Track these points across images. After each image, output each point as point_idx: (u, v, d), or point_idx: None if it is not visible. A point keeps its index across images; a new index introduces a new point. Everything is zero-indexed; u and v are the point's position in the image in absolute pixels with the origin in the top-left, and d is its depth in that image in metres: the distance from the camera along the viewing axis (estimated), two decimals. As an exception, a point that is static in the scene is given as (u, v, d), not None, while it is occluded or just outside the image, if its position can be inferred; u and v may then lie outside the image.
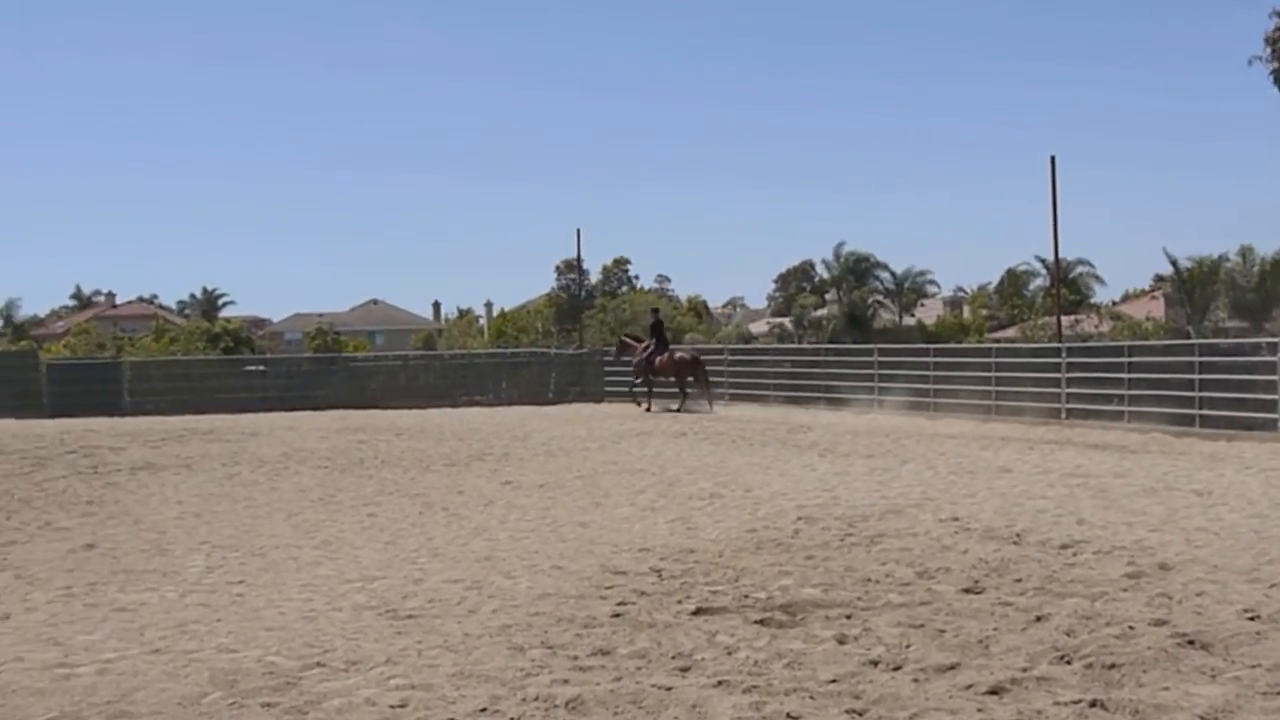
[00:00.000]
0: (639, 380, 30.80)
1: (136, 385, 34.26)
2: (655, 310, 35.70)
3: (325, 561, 9.93)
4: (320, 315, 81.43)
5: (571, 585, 8.69)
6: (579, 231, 38.80)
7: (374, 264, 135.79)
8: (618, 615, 7.70)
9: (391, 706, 5.84)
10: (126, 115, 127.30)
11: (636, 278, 79.53)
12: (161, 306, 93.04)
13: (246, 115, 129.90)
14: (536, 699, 5.90)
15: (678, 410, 28.93)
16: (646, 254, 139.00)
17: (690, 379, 29.79)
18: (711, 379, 30.30)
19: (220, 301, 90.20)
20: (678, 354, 30.76)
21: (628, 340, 32.72)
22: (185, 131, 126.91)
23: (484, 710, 5.76)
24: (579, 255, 41.95)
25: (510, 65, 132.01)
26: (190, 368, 36.92)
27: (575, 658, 6.68)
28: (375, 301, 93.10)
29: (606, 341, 46.02)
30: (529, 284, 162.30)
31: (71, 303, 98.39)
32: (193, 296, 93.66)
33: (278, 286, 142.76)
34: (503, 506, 13.04)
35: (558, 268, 74.02)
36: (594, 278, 76.20)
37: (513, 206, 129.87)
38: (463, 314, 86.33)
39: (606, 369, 35.24)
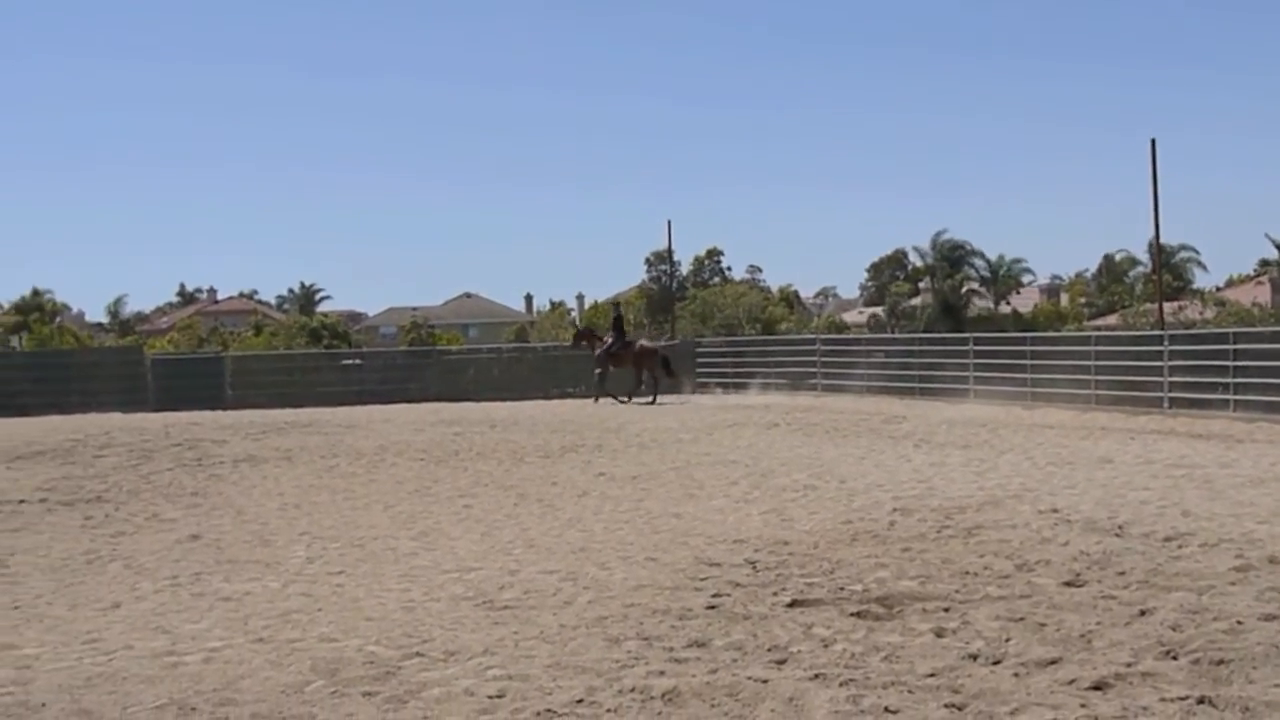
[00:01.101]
0: (599, 373, 31.40)
1: (237, 379, 34.99)
2: (616, 305, 35.92)
3: (423, 552, 10.06)
4: (414, 309, 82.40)
5: (666, 577, 8.69)
6: (670, 223, 38.74)
7: (467, 258, 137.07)
8: (713, 607, 7.69)
9: (489, 697, 5.89)
10: (229, 120, 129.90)
11: (728, 268, 79.23)
12: (261, 302, 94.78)
13: (344, 121, 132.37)
14: (633, 690, 5.91)
15: (650, 402, 29.73)
16: (738, 245, 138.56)
17: (651, 368, 30.75)
18: (741, 370, 31.09)
19: (318, 296, 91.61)
20: (637, 345, 31.81)
21: (586, 333, 34.00)
22: (285, 136, 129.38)
23: (580, 701, 5.78)
24: (670, 246, 41.85)
25: (602, 71, 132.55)
26: (289, 362, 37.58)
27: (671, 649, 6.69)
28: (468, 295, 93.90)
29: (699, 333, 45.95)
30: (620, 276, 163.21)
31: (175, 299, 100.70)
32: (291, 292, 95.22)
33: (373, 281, 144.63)
34: (596, 498, 13.09)
35: (648, 259, 73.99)
36: (685, 269, 76.12)
37: (604, 199, 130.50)
38: (555, 306, 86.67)
39: (699, 360, 35.21)
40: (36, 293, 72.61)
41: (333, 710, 5.75)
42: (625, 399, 30.50)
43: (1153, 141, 25.49)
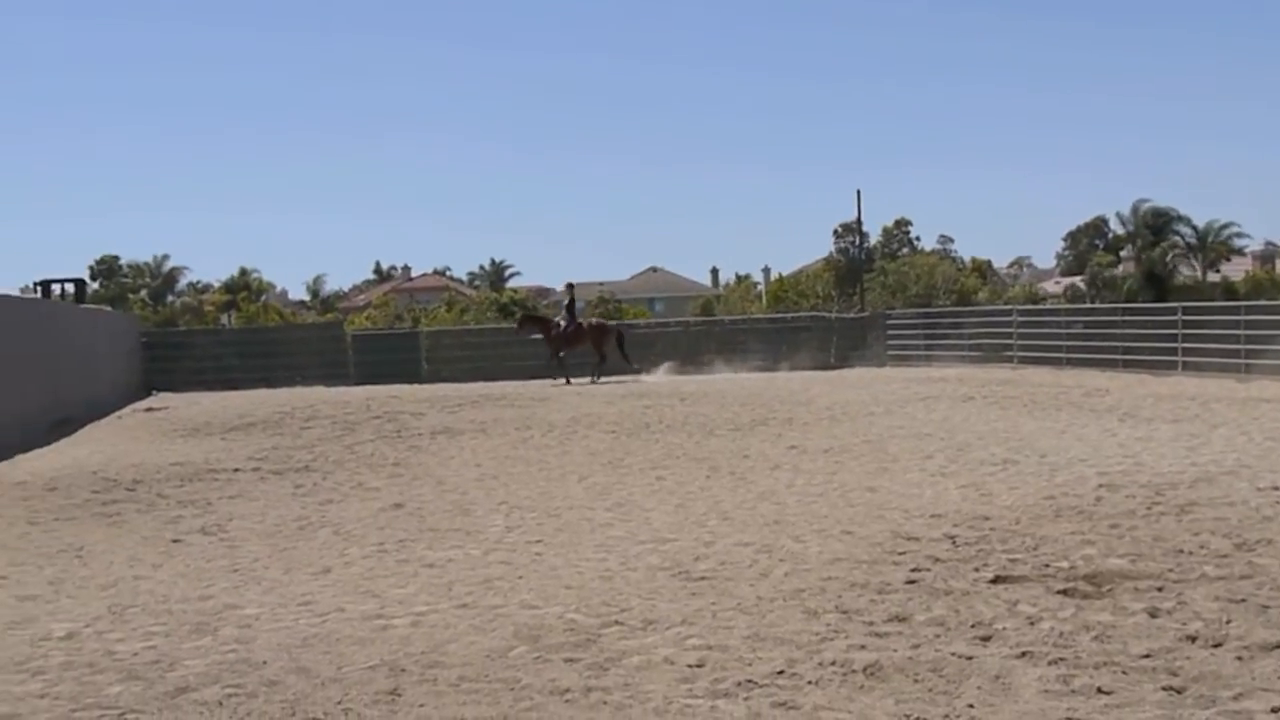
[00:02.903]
0: (561, 356, 30.98)
1: (433, 354, 35.93)
2: (570, 287, 34.95)
3: (618, 523, 10.15)
4: (601, 284, 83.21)
5: (863, 550, 8.58)
6: (859, 193, 38.40)
7: (653, 232, 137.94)
8: (912, 582, 7.56)
9: (689, 666, 5.91)
10: (421, 98, 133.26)
11: (918, 239, 77.73)
12: (453, 278, 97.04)
13: (534, 99, 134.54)
14: (833, 664, 5.86)
15: (592, 381, 29.61)
16: (929, 214, 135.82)
17: (600, 346, 30.53)
18: (933, 342, 31.12)
19: (507, 273, 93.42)
20: (588, 323, 31.68)
21: (532, 318, 33.21)
22: (477, 115, 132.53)
23: (781, 673, 5.75)
24: (859, 217, 41.39)
25: (789, 49, 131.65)
26: (482, 336, 38.33)
27: (871, 623, 6.60)
28: (654, 269, 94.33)
29: (889, 304, 45.24)
30: (807, 248, 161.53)
31: (372, 276, 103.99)
32: (482, 268, 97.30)
33: (560, 257, 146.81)
34: (789, 471, 13.01)
35: (836, 231, 73.19)
36: (874, 240, 75.02)
37: (791, 171, 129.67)
38: (740, 280, 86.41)
39: (890, 332, 34.67)
40: (244, 272, 76.09)
41: (536, 675, 5.85)
42: (593, 379, 30.15)
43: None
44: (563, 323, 31.16)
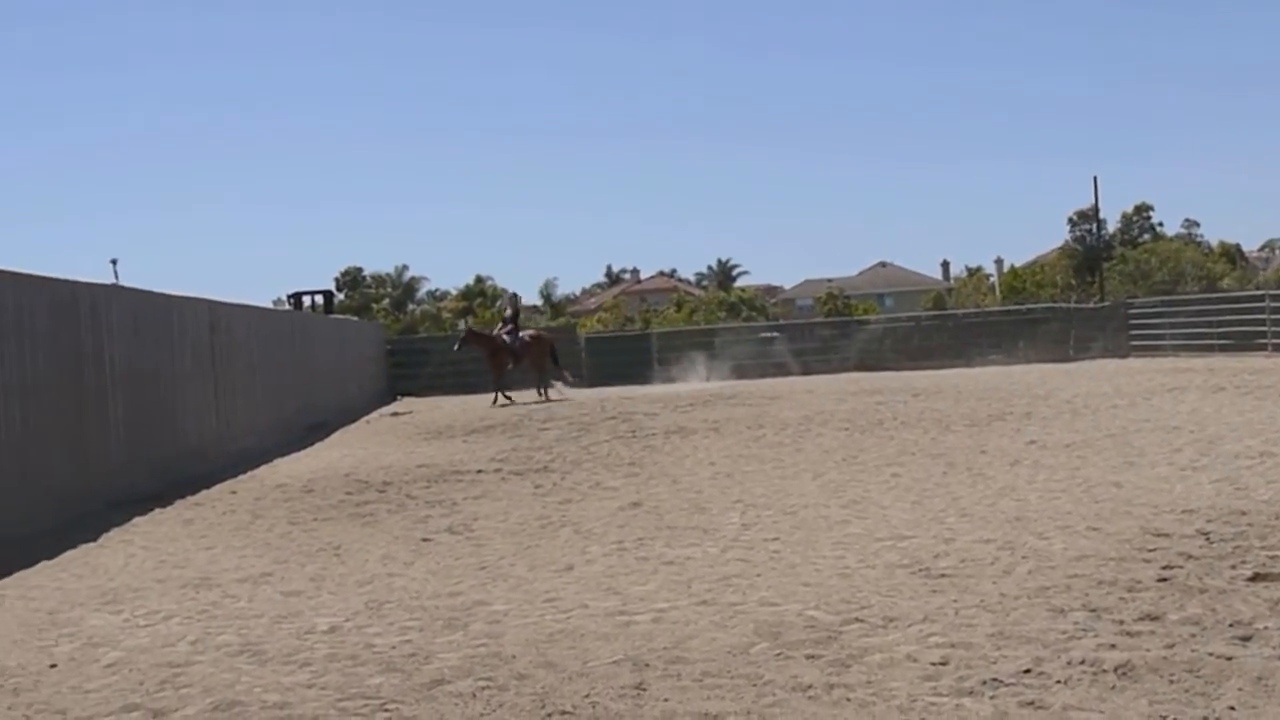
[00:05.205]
0: (507, 370, 28.89)
1: (663, 354, 36.37)
2: (514, 297, 33.18)
3: (854, 520, 10.10)
4: (829, 280, 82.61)
5: (1110, 547, 8.31)
6: (1096, 179, 37.01)
7: (881, 227, 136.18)
8: (1164, 579, 7.28)
9: (933, 664, 5.85)
10: (646, 102, 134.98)
11: (1160, 224, 74.26)
12: (680, 279, 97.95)
13: (754, 98, 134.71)
14: (1082, 663, 5.71)
15: (543, 399, 28.04)
16: (1171, 199, 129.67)
17: (537, 360, 28.79)
18: (1178, 331, 29.81)
19: (735, 272, 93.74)
20: (531, 336, 29.55)
21: (474, 335, 30.45)
22: (698, 116, 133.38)
23: (1028, 671, 5.64)
24: (1096, 204, 39.86)
25: (1016, 46, 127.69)
26: (710, 336, 38.59)
27: (1121, 622, 6.40)
28: (883, 264, 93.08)
29: (1130, 293, 43.47)
30: (1040, 237, 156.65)
31: (603, 280, 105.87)
32: (709, 269, 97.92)
33: (788, 254, 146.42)
34: (1029, 466, 12.68)
35: (1071, 219, 70.50)
36: (1112, 227, 72.06)
37: (1023, 160, 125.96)
38: (972, 272, 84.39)
39: (1132, 322, 33.32)
40: (479, 279, 78.34)
41: (778, 671, 5.90)
42: (543, 395, 28.65)
43: None
44: (507, 338, 28.82)
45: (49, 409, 12.67)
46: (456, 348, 29.90)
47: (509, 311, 30.21)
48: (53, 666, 6.80)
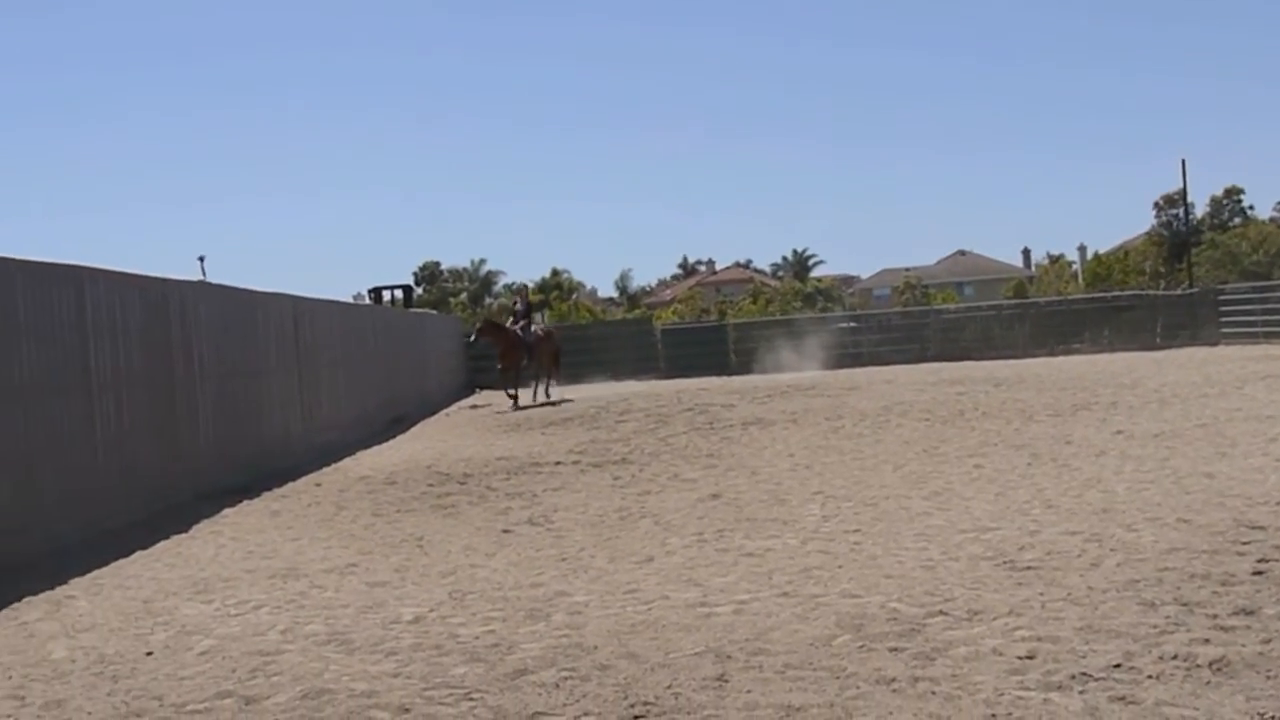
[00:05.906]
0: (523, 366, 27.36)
1: (739, 345, 36.26)
2: (524, 289, 31.89)
3: (936, 512, 10.00)
4: (907, 270, 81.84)
5: (1202, 540, 8.14)
6: (1183, 162, 36.29)
7: (960, 215, 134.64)
8: (1259, 573, 7.12)
9: (1019, 657, 5.78)
10: (722, 94, 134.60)
11: (1251, 207, 72.56)
12: (756, 270, 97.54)
13: (834, 90, 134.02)
14: (1175, 658, 5.60)
15: (549, 400, 26.97)
16: (1264, 181, 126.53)
17: (542, 358, 27.52)
18: (1272, 318, 28.66)
19: (810, 262, 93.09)
20: (541, 331, 28.49)
21: (489, 327, 27.99)
22: (774, 107, 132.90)
23: (1118, 666, 5.55)
24: (1184, 188, 39.09)
25: (1092, 36, 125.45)
26: (787, 327, 38.41)
27: (1214, 616, 6.26)
28: (962, 252, 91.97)
29: (1220, 279, 42.59)
30: (1124, 223, 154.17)
31: (678, 271, 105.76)
32: (784, 259, 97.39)
33: (865, 243, 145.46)
34: (1116, 457, 12.47)
35: (1157, 203, 69.12)
36: (1200, 211, 70.58)
37: (1105, 144, 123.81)
38: (1054, 260, 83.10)
39: (1223, 309, 32.63)
40: (555, 272, 78.64)
41: (861, 664, 5.86)
42: (546, 395, 27.65)
43: None
44: (521, 333, 26.95)
45: (142, 404, 12.94)
46: (472, 339, 28.28)
47: (519, 306, 28.44)
48: (149, 654, 6.95)
